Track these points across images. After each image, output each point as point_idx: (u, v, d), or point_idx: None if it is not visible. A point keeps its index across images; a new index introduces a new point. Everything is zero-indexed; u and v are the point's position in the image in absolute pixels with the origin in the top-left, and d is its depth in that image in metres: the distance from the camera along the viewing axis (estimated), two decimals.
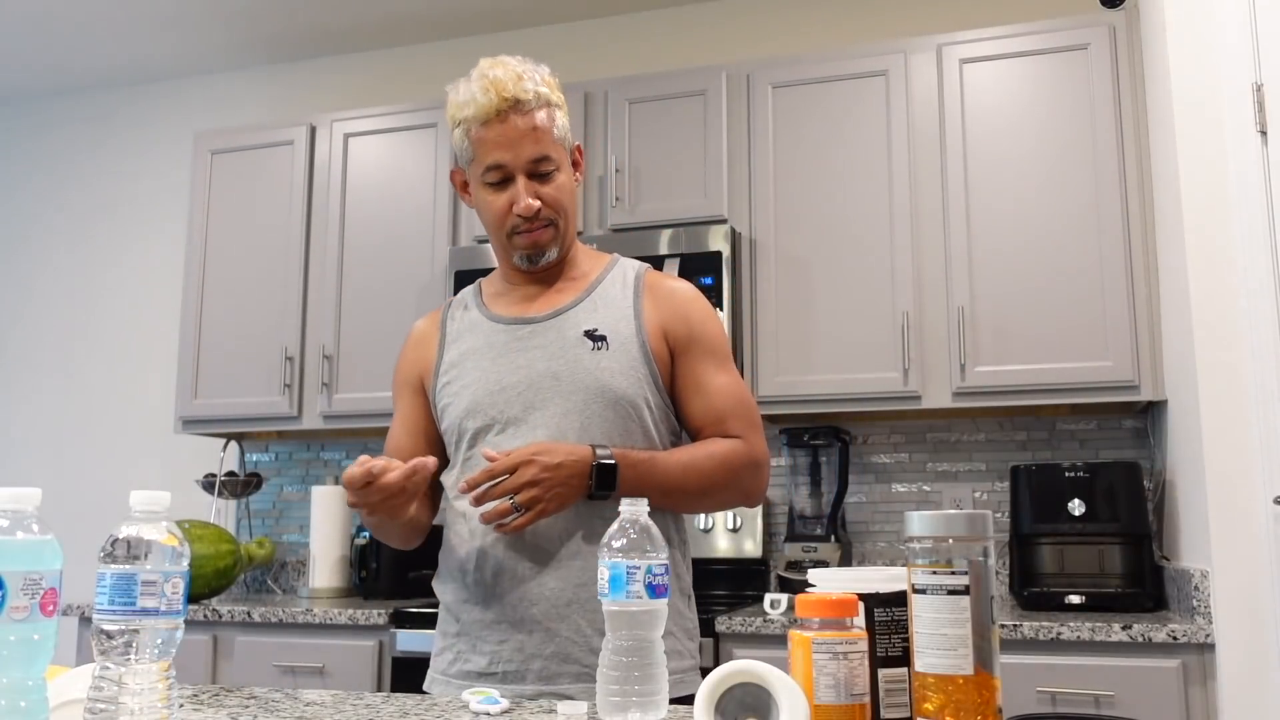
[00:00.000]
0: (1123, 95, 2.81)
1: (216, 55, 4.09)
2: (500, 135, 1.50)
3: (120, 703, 0.83)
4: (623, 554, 1.00)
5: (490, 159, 1.52)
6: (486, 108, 1.49)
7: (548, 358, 1.53)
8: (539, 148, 1.52)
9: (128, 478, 4.04)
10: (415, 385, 1.65)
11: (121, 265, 4.22)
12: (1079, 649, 2.34)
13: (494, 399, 1.52)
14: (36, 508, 0.82)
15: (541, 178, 1.53)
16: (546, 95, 1.53)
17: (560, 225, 1.57)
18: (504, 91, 1.49)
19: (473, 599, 1.50)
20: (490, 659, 1.47)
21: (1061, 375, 2.74)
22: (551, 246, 1.57)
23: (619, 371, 1.51)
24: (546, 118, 1.53)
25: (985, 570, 0.87)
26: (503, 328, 1.58)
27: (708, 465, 1.51)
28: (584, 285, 1.60)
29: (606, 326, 1.54)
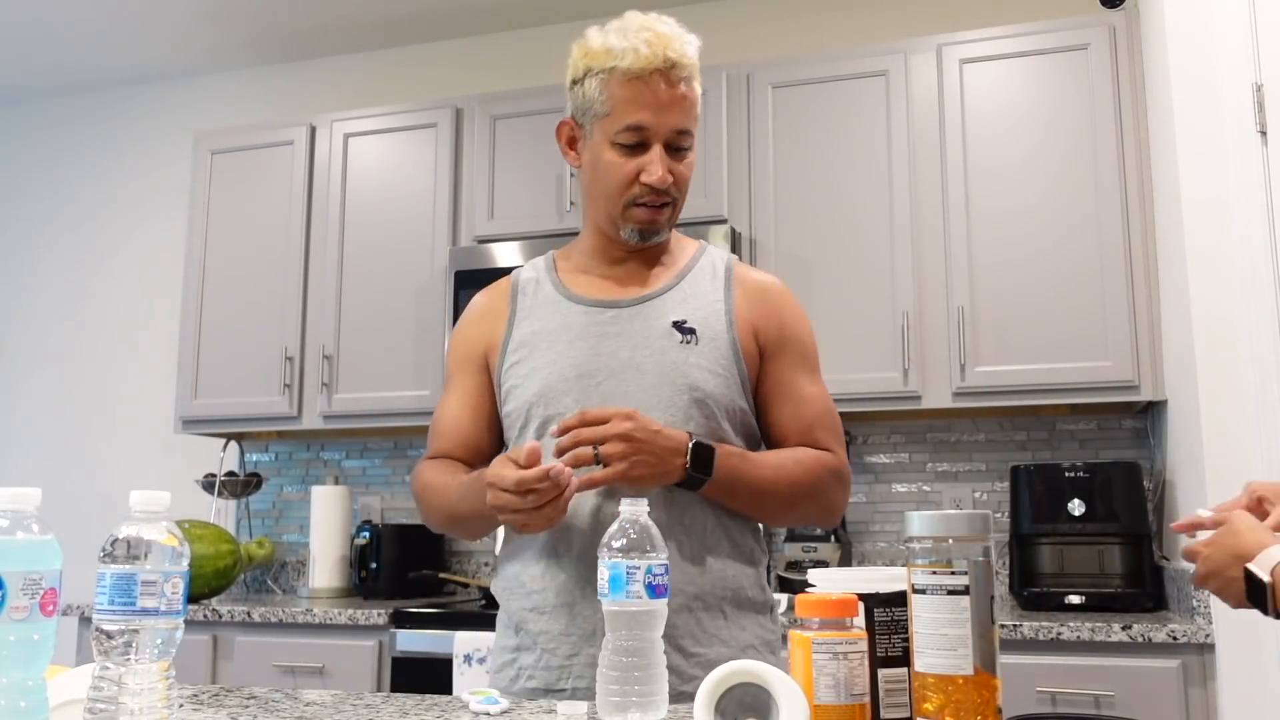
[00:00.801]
0: (1123, 95, 2.81)
1: (216, 55, 4.09)
2: (650, 95, 1.39)
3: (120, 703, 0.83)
4: (623, 554, 1.00)
5: (632, 118, 1.39)
6: (646, 61, 1.38)
7: (631, 347, 1.41)
8: (684, 119, 1.42)
9: (128, 478, 4.04)
10: (478, 362, 1.52)
11: (121, 265, 4.22)
12: (1079, 649, 2.34)
13: (569, 386, 1.41)
14: (36, 508, 0.82)
15: (677, 152, 1.43)
16: (697, 67, 1.44)
17: (679, 206, 1.47)
18: (669, 50, 1.39)
19: (541, 608, 1.38)
20: (560, 674, 1.35)
21: (1061, 375, 2.74)
22: (666, 227, 1.46)
23: (708, 369, 1.40)
24: (695, 92, 1.44)
25: (985, 570, 0.87)
26: (583, 309, 1.46)
27: (798, 472, 1.41)
28: (673, 272, 1.49)
29: (697, 319, 1.43)
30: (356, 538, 3.32)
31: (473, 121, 3.39)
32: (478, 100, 3.40)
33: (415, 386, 3.29)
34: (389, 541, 3.30)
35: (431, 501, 1.47)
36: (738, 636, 1.38)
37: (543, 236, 3.21)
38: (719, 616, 1.38)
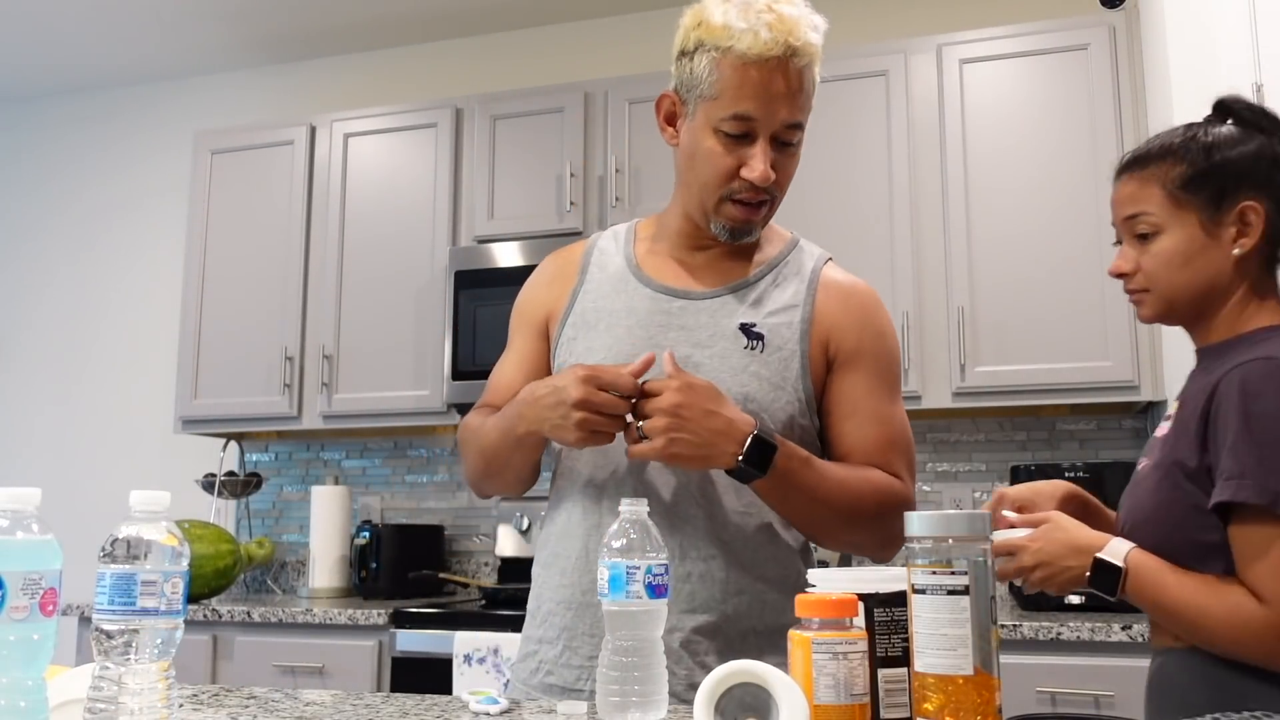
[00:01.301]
0: (1123, 95, 2.81)
1: (216, 55, 4.09)
2: (764, 83, 1.26)
3: (120, 703, 0.83)
4: (622, 554, 1.00)
5: (740, 106, 1.27)
6: (765, 46, 1.25)
7: (692, 343, 1.33)
8: (797, 113, 1.30)
9: (128, 478, 4.04)
10: (539, 326, 1.44)
11: (121, 265, 4.22)
12: (1079, 649, 2.34)
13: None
14: (36, 508, 0.82)
15: (784, 146, 1.31)
16: (819, 52, 1.31)
17: (777, 204, 1.36)
18: (792, 36, 1.26)
19: (569, 603, 1.32)
20: (580, 673, 1.29)
21: (1061, 375, 2.74)
22: (759, 226, 1.36)
23: (768, 380, 1.31)
24: (812, 82, 1.32)
25: (985, 570, 0.87)
26: (650, 294, 1.37)
27: (866, 491, 1.29)
28: (756, 268, 1.38)
29: (768, 324, 1.33)
30: (356, 538, 3.32)
31: (473, 121, 3.39)
32: (478, 100, 3.40)
33: (415, 386, 3.29)
34: (389, 541, 3.30)
35: (471, 442, 1.42)
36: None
37: (543, 236, 3.21)
38: (751, 649, 1.25)
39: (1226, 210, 1.31)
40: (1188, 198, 1.34)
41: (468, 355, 3.16)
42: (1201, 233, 1.32)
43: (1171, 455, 1.26)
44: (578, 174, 3.23)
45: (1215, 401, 1.23)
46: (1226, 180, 1.32)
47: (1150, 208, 1.37)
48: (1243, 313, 1.33)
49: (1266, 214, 1.31)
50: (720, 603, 1.28)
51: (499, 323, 3.17)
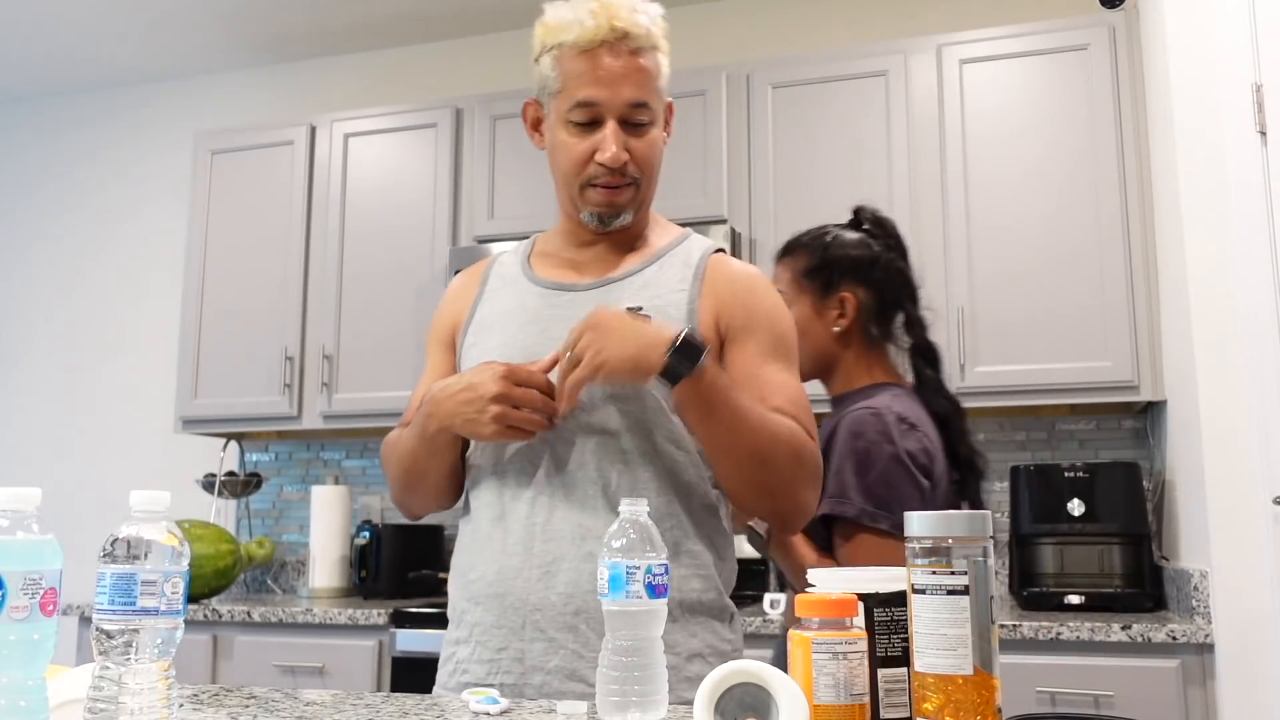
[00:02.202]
0: (1123, 95, 2.81)
1: (216, 55, 4.09)
2: (600, 69, 1.31)
3: (120, 702, 0.83)
4: (622, 554, 1.00)
5: (582, 94, 1.32)
6: (592, 33, 1.30)
7: None
8: (640, 92, 1.33)
9: (128, 478, 4.04)
10: (448, 340, 1.48)
11: (121, 265, 4.22)
12: (1078, 649, 2.34)
13: None
14: (36, 508, 0.82)
15: (635, 128, 1.35)
16: (658, 37, 1.36)
17: (642, 187, 1.38)
18: (616, 19, 1.31)
19: (475, 598, 1.34)
20: (489, 668, 1.31)
21: (1061, 375, 2.74)
22: (628, 209, 1.38)
23: None
24: (653, 61, 1.35)
25: (985, 570, 0.87)
26: (540, 291, 1.41)
27: (779, 428, 1.29)
28: (642, 258, 1.41)
29: (654, 306, 1.34)
30: (356, 538, 3.32)
31: (473, 121, 3.39)
32: (478, 100, 3.40)
33: (415, 386, 3.28)
34: (389, 541, 3.30)
35: (391, 457, 1.45)
36: (684, 643, 1.30)
37: None
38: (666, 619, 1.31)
39: (831, 296, 1.71)
40: (806, 283, 1.73)
41: None
42: (811, 312, 1.71)
43: None
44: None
45: (833, 441, 1.60)
46: (834, 272, 1.72)
47: (784, 288, 1.72)
48: (853, 373, 1.72)
49: (860, 301, 1.72)
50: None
51: None
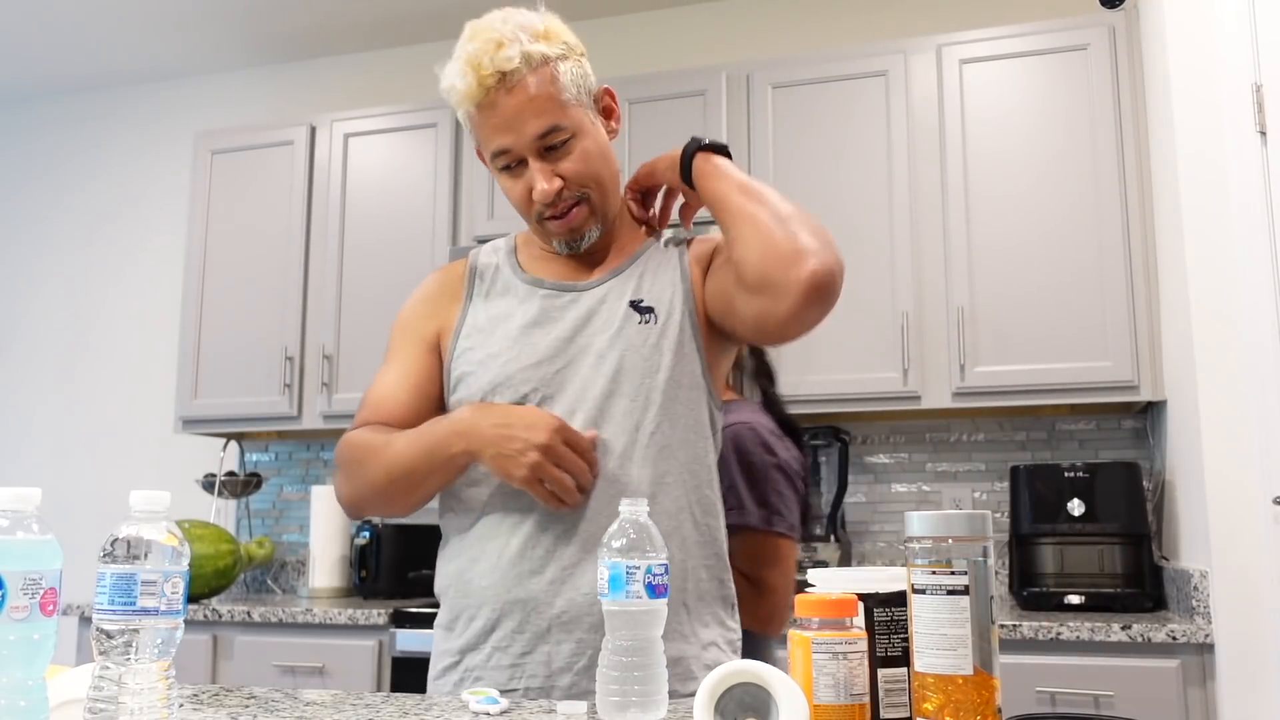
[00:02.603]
0: (1123, 95, 2.81)
1: (216, 55, 4.09)
2: (495, 118, 1.30)
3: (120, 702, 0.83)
4: (622, 554, 1.00)
5: (493, 145, 1.32)
6: (469, 92, 1.30)
7: (590, 331, 1.35)
8: (542, 119, 1.30)
9: (128, 478, 4.04)
10: (429, 341, 1.44)
11: (121, 265, 4.22)
12: (1078, 649, 2.34)
13: (527, 375, 1.34)
14: (36, 508, 0.82)
15: (556, 150, 1.32)
16: (540, 52, 1.30)
17: (594, 198, 1.36)
18: (482, 70, 1.28)
19: (488, 604, 1.31)
20: (511, 674, 1.28)
21: (1061, 375, 2.74)
22: (590, 225, 1.38)
23: (668, 350, 1.34)
24: (544, 80, 1.30)
25: (985, 570, 0.87)
26: (540, 293, 1.40)
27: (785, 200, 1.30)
28: (629, 253, 1.43)
29: (653, 297, 1.37)
30: (356, 538, 3.32)
31: None
32: None
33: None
34: (389, 541, 3.30)
35: (368, 460, 1.37)
36: (700, 633, 1.32)
37: None
38: (680, 610, 1.31)
39: None
40: None
41: None
42: None
43: None
44: None
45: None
46: None
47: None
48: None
49: None
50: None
51: None
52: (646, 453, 1.31)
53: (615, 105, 1.42)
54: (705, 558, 1.35)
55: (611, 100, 1.41)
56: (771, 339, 1.30)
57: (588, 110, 1.36)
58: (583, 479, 1.27)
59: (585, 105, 1.35)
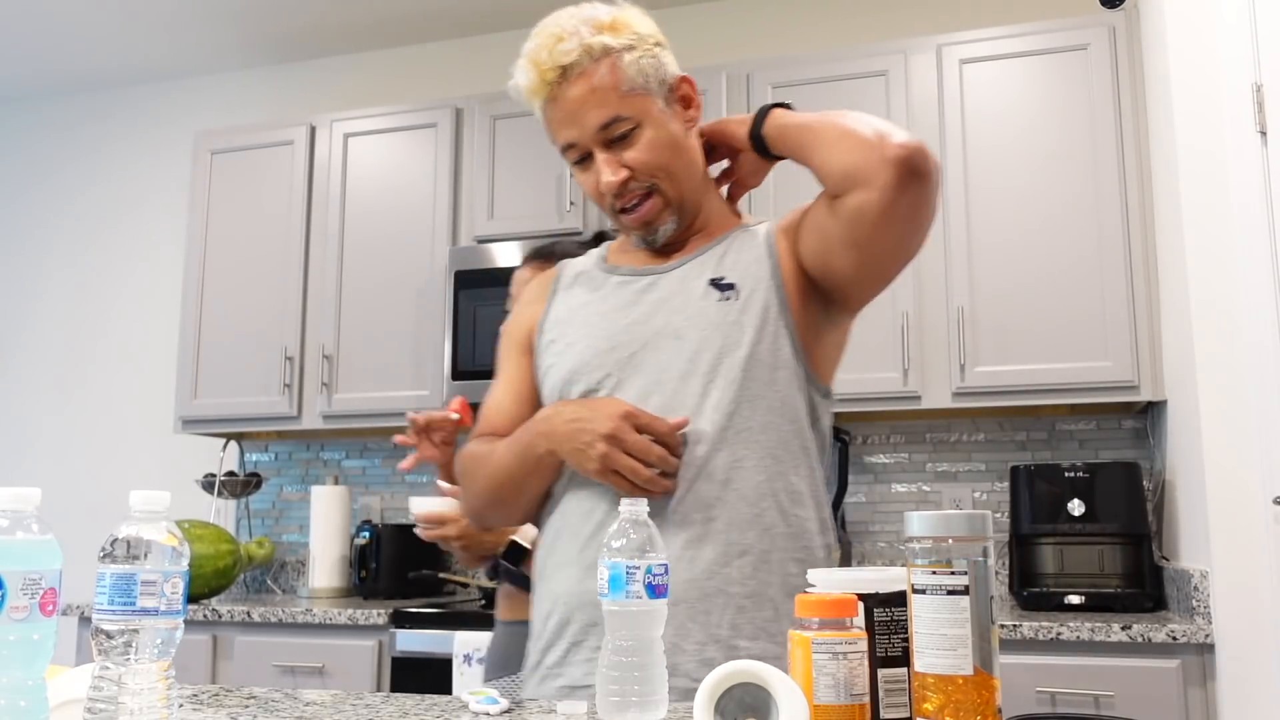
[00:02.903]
0: (1123, 95, 2.81)
1: (216, 55, 4.09)
2: (559, 112, 1.31)
3: (120, 703, 0.83)
4: (622, 554, 1.00)
5: (561, 139, 1.33)
6: (531, 87, 1.31)
7: (668, 311, 1.32)
8: (603, 111, 1.29)
9: (128, 478, 4.04)
10: (523, 343, 1.46)
11: (121, 265, 4.22)
12: (1079, 649, 2.34)
13: (602, 360, 1.32)
14: (36, 508, 0.82)
15: (621, 141, 1.31)
16: (602, 44, 1.29)
17: (665, 188, 1.33)
18: (542, 65, 1.29)
19: (561, 598, 1.29)
20: (587, 670, 1.25)
21: (1061, 375, 2.74)
22: (664, 217, 1.35)
23: (750, 326, 1.29)
24: (606, 71, 1.29)
25: (985, 570, 0.87)
26: (619, 279, 1.39)
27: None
28: (714, 236, 1.38)
29: (736, 273, 1.32)
30: (356, 538, 3.32)
31: (473, 121, 3.40)
32: (478, 100, 3.40)
33: (415, 386, 3.29)
34: (389, 541, 3.30)
35: (477, 470, 1.39)
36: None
37: (543, 236, 3.21)
38: (765, 606, 1.25)
39: None
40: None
41: (467, 355, 3.16)
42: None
43: None
44: None
45: None
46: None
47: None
48: None
49: None
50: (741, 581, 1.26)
51: (499, 323, 3.17)
52: (724, 435, 1.27)
53: (695, 94, 1.38)
54: (794, 550, 1.28)
55: (690, 89, 1.37)
56: (874, 251, 1.24)
57: (657, 99, 1.32)
58: (661, 464, 1.24)
59: (655, 94, 1.32)
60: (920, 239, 1.26)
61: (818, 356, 1.34)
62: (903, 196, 1.19)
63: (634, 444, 1.23)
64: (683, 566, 1.23)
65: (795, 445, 1.30)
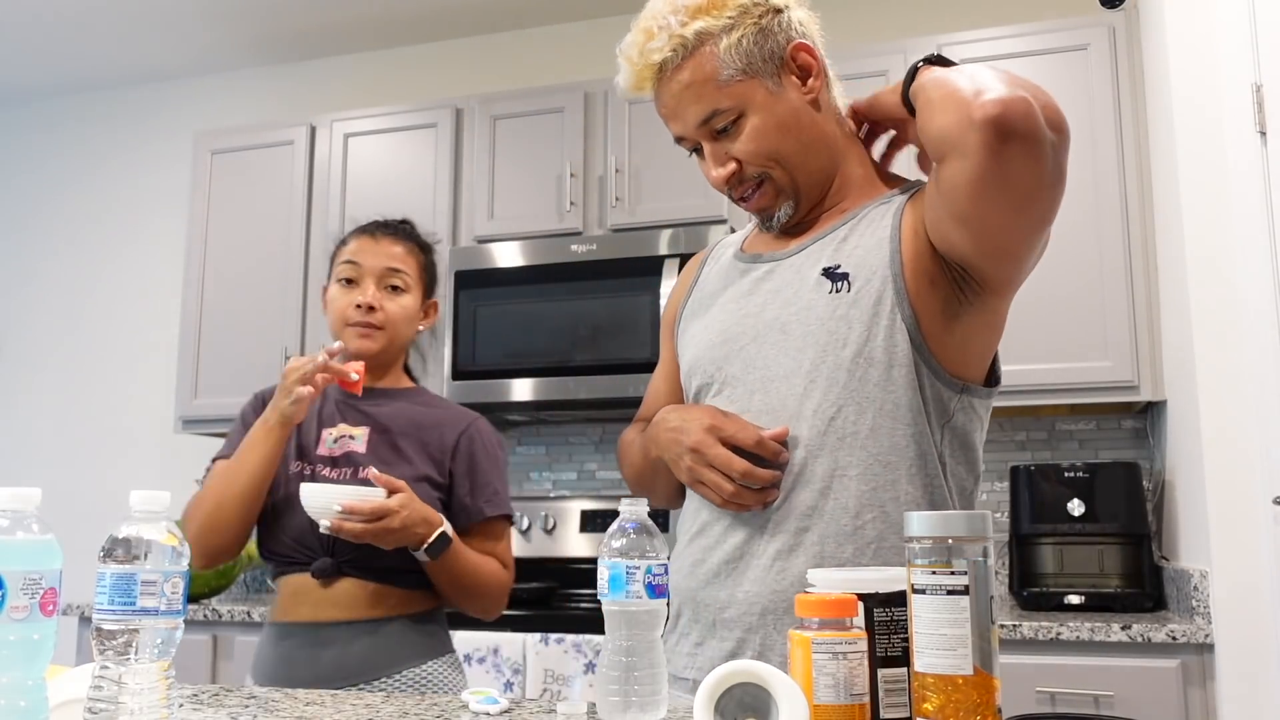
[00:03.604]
0: (1123, 95, 2.81)
1: (216, 55, 4.09)
2: (662, 108, 1.28)
3: (120, 702, 0.83)
4: (622, 554, 1.00)
5: (673, 133, 1.30)
6: (630, 86, 1.29)
7: (779, 303, 1.25)
8: (702, 105, 1.24)
9: (128, 478, 4.04)
10: (670, 326, 1.46)
11: (121, 265, 4.22)
12: (1078, 649, 2.34)
13: (713, 353, 1.29)
14: (36, 508, 0.82)
15: (724, 133, 1.25)
16: (695, 33, 1.22)
17: (777, 175, 1.26)
18: (635, 65, 1.26)
19: (677, 591, 1.30)
20: (688, 661, 1.27)
21: (1061, 375, 2.74)
22: (780, 204, 1.28)
23: (859, 321, 1.20)
24: (701, 62, 1.23)
25: (985, 570, 0.87)
26: (744, 266, 1.33)
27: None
28: (844, 215, 1.29)
29: (854, 261, 1.22)
30: None
31: (473, 121, 3.39)
32: (478, 100, 3.40)
33: None
34: None
35: (623, 458, 1.46)
36: None
37: (543, 236, 3.21)
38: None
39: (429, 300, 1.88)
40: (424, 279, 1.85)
41: (468, 355, 3.16)
42: (416, 307, 1.83)
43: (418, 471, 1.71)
44: (578, 174, 3.23)
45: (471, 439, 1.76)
46: (435, 279, 1.90)
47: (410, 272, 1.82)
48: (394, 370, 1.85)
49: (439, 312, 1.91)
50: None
51: (499, 323, 3.19)
52: (824, 440, 1.20)
53: (816, 59, 1.29)
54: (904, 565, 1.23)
55: (809, 55, 1.28)
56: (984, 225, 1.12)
57: (765, 80, 1.24)
58: (747, 478, 1.19)
59: (762, 74, 1.24)
60: (1044, 206, 1.12)
61: (950, 348, 1.23)
62: (995, 163, 1.06)
63: (716, 457, 1.20)
64: (771, 577, 1.20)
65: (912, 451, 1.20)
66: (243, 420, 1.79)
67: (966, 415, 1.26)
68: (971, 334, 1.25)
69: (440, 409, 1.81)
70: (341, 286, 1.77)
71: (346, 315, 1.74)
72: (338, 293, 1.77)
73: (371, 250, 1.78)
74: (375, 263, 1.77)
